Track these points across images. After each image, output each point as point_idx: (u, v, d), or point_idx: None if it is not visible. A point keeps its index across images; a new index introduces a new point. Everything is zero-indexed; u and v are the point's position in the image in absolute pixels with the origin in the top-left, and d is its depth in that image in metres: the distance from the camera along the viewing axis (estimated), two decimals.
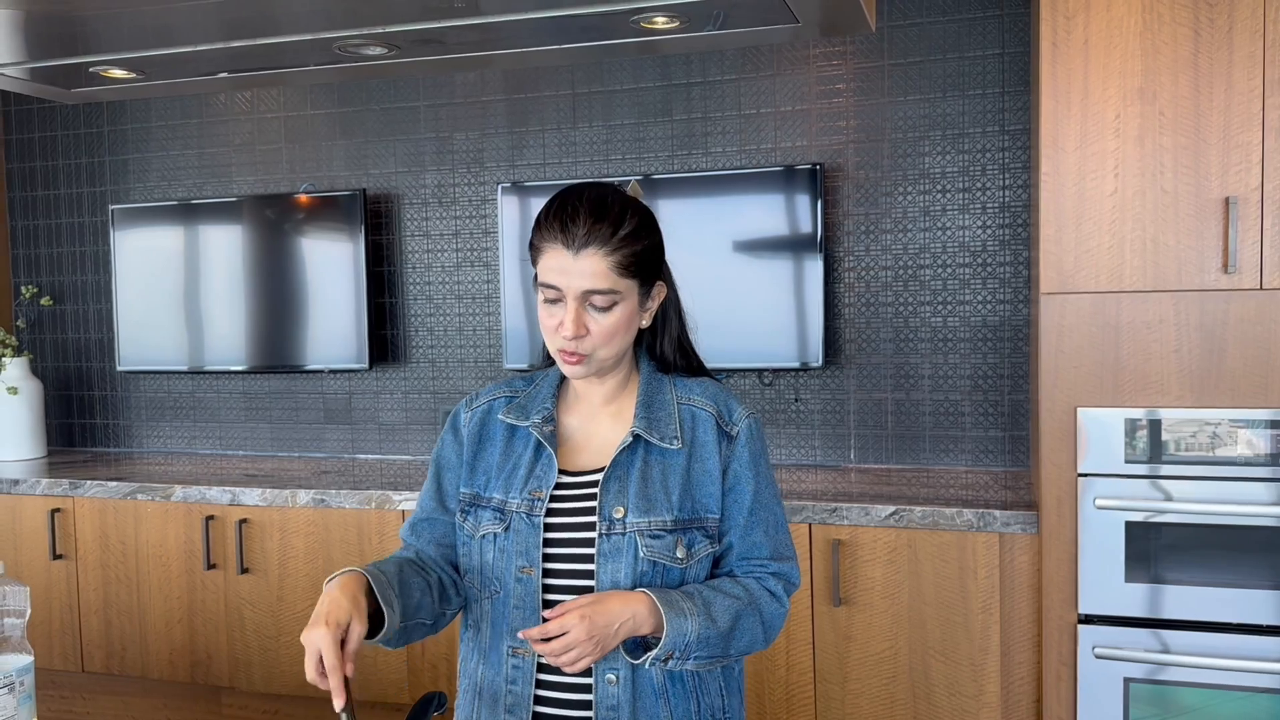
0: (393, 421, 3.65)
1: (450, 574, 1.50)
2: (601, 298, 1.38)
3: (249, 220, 3.61)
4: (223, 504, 3.14)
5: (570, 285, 1.37)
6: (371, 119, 3.59)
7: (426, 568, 1.47)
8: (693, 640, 1.36)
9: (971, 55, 3.02)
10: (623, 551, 1.39)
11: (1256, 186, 2.25)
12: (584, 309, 1.38)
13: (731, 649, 1.42)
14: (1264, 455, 2.29)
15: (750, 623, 1.43)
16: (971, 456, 3.09)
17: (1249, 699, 2.32)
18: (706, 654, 1.39)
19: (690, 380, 1.51)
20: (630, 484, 1.42)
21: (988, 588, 2.55)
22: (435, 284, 3.58)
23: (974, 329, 3.07)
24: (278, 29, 1.93)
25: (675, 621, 1.35)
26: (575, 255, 1.36)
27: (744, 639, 1.42)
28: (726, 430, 1.46)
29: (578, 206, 1.38)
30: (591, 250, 1.36)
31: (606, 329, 1.39)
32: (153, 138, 3.84)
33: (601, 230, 1.36)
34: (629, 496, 1.41)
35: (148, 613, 3.27)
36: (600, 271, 1.36)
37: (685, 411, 1.47)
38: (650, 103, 3.30)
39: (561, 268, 1.37)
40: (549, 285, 1.38)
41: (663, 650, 1.35)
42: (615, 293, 1.38)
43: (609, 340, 1.40)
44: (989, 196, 3.03)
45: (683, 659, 1.37)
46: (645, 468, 1.43)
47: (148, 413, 3.95)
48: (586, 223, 1.36)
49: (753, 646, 1.45)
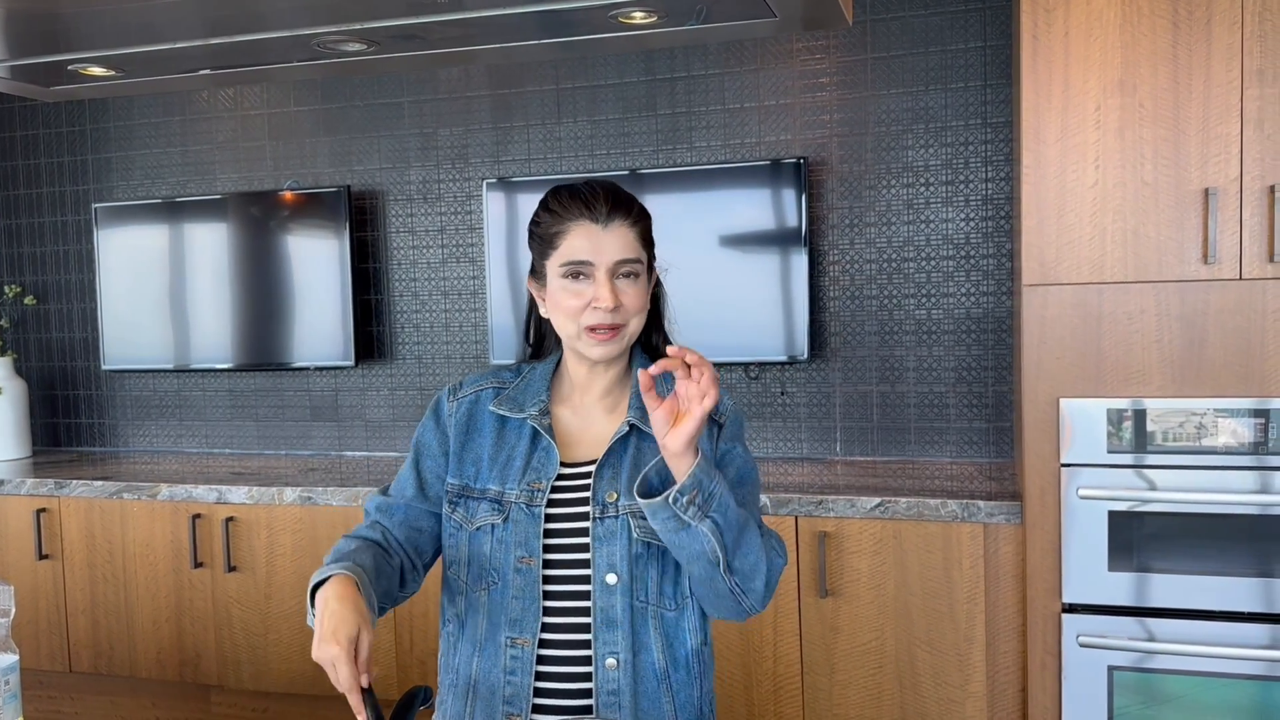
0: (379, 418, 3.65)
1: (410, 559, 1.51)
2: (631, 266, 1.43)
3: (233, 218, 3.60)
4: (209, 502, 3.14)
5: (603, 257, 1.42)
6: (355, 115, 3.59)
7: (390, 552, 1.49)
8: (715, 489, 1.32)
9: (953, 48, 3.03)
10: (616, 534, 1.42)
11: (1235, 177, 2.27)
12: (614, 281, 1.42)
13: (738, 552, 1.36)
14: (1246, 444, 2.31)
15: (755, 539, 1.38)
16: (956, 448, 3.11)
17: (1232, 686, 2.34)
18: (719, 519, 1.33)
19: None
20: (623, 470, 1.45)
21: (972, 578, 2.56)
22: (421, 280, 3.57)
23: (957, 321, 3.08)
24: (257, 26, 1.93)
25: (705, 463, 1.32)
26: (605, 228, 1.42)
27: (748, 548, 1.37)
28: (716, 419, 1.49)
29: (595, 188, 1.45)
30: (618, 221, 1.43)
31: (637, 298, 1.44)
32: (136, 136, 3.83)
33: (623, 205, 1.45)
34: (621, 481, 1.44)
35: (135, 612, 3.26)
36: (629, 241, 1.43)
37: None
38: (635, 97, 3.31)
39: (592, 241, 1.42)
40: (579, 261, 1.42)
41: (690, 481, 1.30)
42: (640, 262, 1.45)
43: (639, 310, 1.45)
44: (972, 189, 3.04)
45: (702, 509, 1.32)
46: (638, 455, 1.46)
47: (133, 412, 3.94)
48: (609, 200, 1.44)
49: (754, 575, 1.38)
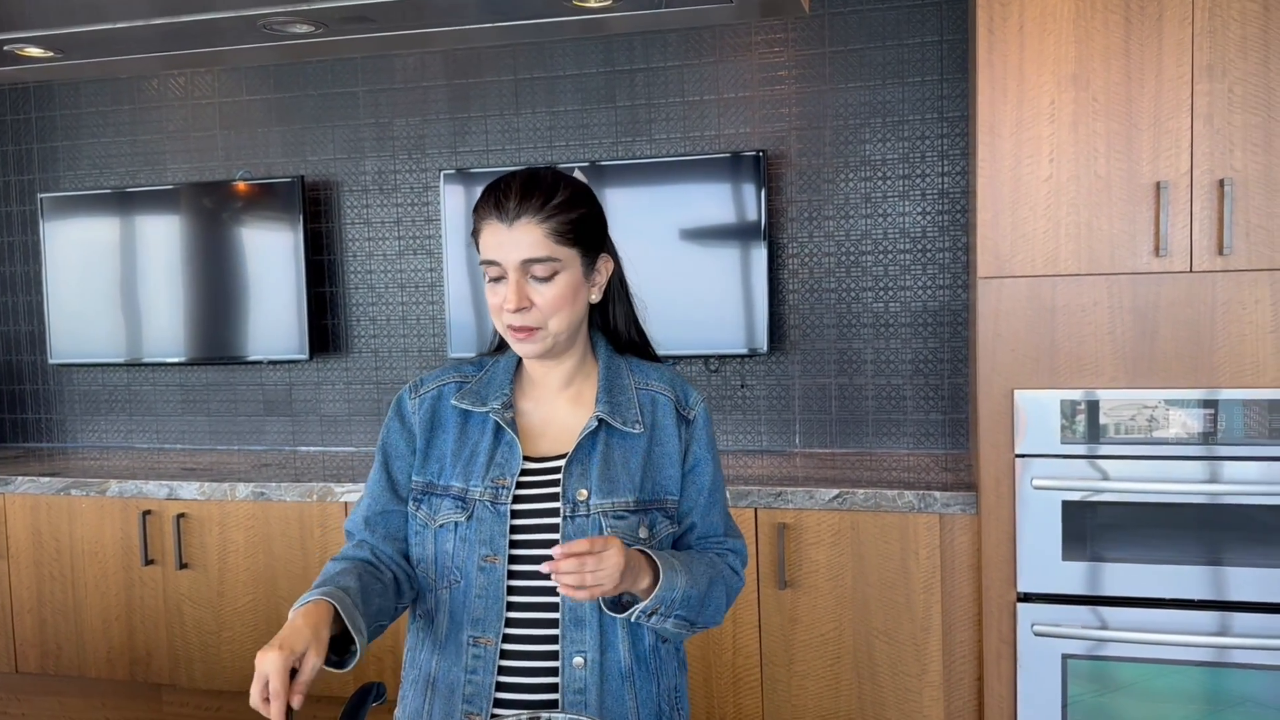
0: (334, 413, 3.60)
1: (404, 568, 1.47)
2: (541, 266, 1.38)
3: (185, 209, 3.54)
4: (160, 498, 3.08)
5: (508, 257, 1.37)
6: (309, 104, 3.53)
7: (381, 567, 1.45)
8: (678, 596, 1.36)
9: (910, 42, 3.04)
10: (587, 533, 1.39)
11: (1186, 171, 2.30)
12: (525, 281, 1.38)
13: (703, 613, 1.42)
14: (1195, 434, 2.34)
15: (719, 590, 1.45)
16: (913, 439, 3.13)
17: (1183, 673, 2.37)
18: (685, 613, 1.38)
19: (645, 365, 1.53)
20: (593, 467, 1.42)
21: (929, 568, 2.58)
22: (377, 272, 3.53)
23: (914, 314, 3.10)
24: (203, 6, 1.88)
25: (668, 575, 1.35)
26: (510, 226, 1.37)
27: (712, 605, 1.44)
28: (684, 414, 1.48)
29: (510, 183, 1.40)
30: (525, 220, 1.37)
31: (552, 300, 1.39)
32: (83, 124, 3.74)
33: (533, 200, 1.37)
34: (592, 479, 1.41)
35: (84, 611, 3.20)
36: (536, 239, 1.37)
37: (645, 396, 1.48)
38: (594, 88, 3.29)
39: (498, 241, 1.38)
40: (490, 262, 1.39)
41: (654, 601, 1.34)
42: (554, 260, 1.38)
43: (556, 311, 1.39)
44: (928, 183, 3.06)
45: (665, 615, 1.36)
46: (607, 450, 1.43)
47: (81, 407, 3.86)
48: (518, 195, 1.37)
49: (717, 615, 1.46)
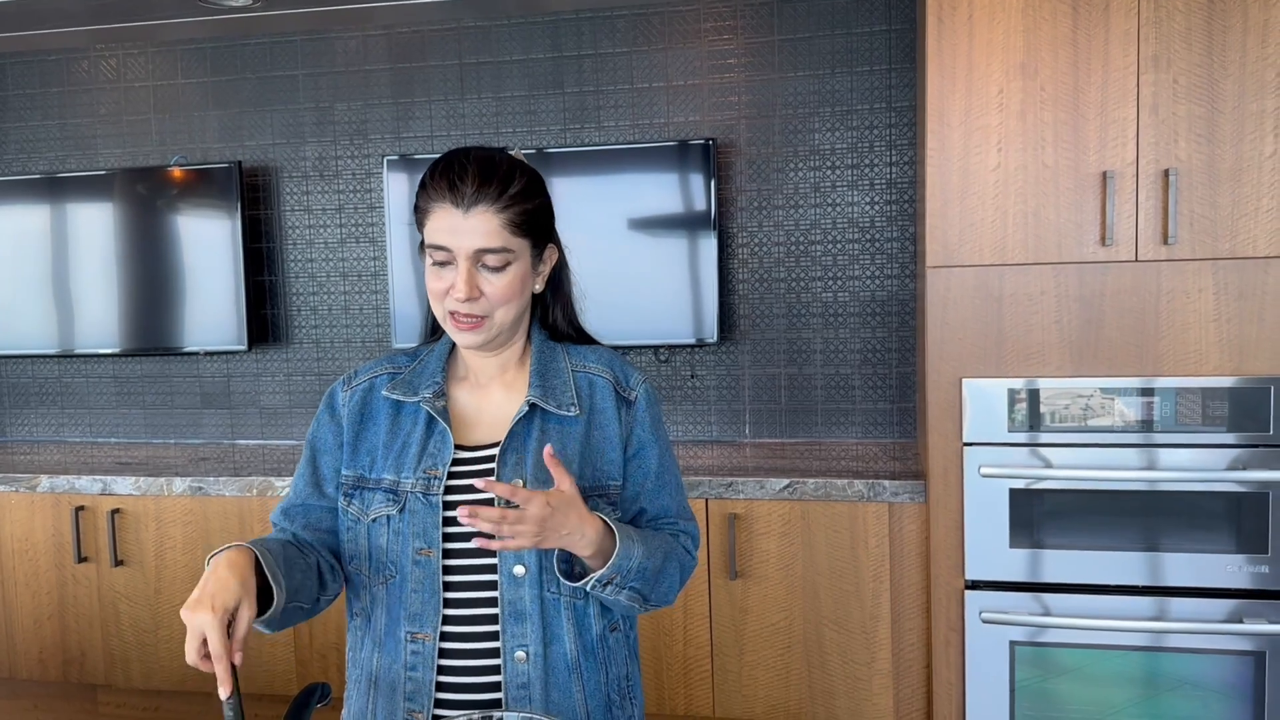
0: (274, 405, 3.52)
1: (327, 558, 1.43)
2: (495, 257, 1.34)
3: (118, 195, 3.42)
4: (93, 494, 2.98)
5: (461, 245, 1.33)
6: (247, 88, 3.44)
7: (304, 550, 1.41)
8: (634, 566, 1.33)
9: (859, 31, 3.04)
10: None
11: (1132, 161, 2.32)
12: (476, 270, 1.34)
13: (657, 589, 1.39)
14: (1134, 423, 2.37)
15: (673, 566, 1.42)
16: (862, 428, 3.14)
17: (1123, 657, 2.41)
18: (639, 585, 1.35)
19: (583, 347, 1.48)
20: (528, 455, 1.37)
21: (878, 557, 2.59)
22: (318, 261, 3.45)
23: (863, 303, 3.11)
24: None
25: (625, 544, 1.32)
26: (465, 214, 1.32)
27: (665, 582, 1.41)
28: (625, 396, 1.44)
29: (465, 165, 1.34)
30: (482, 208, 1.32)
31: (502, 290, 1.35)
32: (9, 107, 3.60)
33: (491, 188, 1.32)
34: (527, 468, 1.36)
35: (14, 610, 3.09)
36: (492, 229, 1.32)
37: (581, 379, 1.44)
38: (541, 74, 3.24)
39: (451, 227, 1.32)
40: (438, 246, 1.34)
41: (610, 570, 1.31)
42: (508, 251, 1.35)
43: (505, 301, 1.36)
44: (877, 173, 3.07)
45: (620, 586, 1.33)
46: (543, 437, 1.39)
47: (11, 399, 3.73)
48: (475, 181, 1.32)
49: (670, 593, 1.43)
